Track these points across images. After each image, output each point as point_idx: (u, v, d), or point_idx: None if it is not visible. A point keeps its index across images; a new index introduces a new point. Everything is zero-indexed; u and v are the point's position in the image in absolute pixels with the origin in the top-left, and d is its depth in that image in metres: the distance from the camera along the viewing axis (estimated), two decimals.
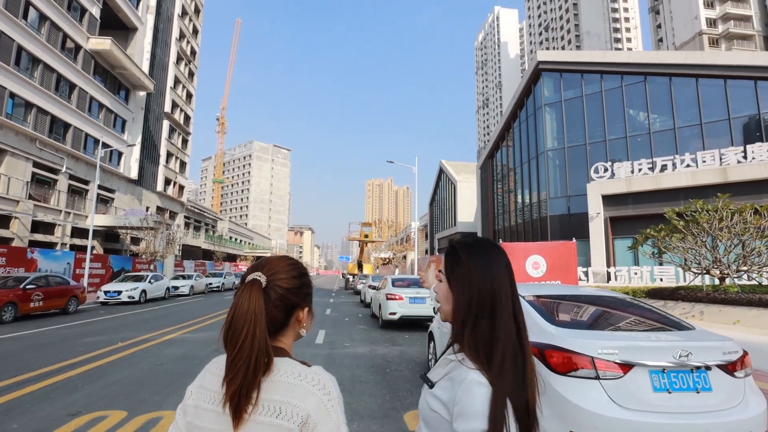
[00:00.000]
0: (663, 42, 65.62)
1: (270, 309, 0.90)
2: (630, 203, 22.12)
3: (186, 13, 46.03)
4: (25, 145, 23.76)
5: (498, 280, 0.96)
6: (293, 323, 0.97)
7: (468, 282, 0.97)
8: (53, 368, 6.28)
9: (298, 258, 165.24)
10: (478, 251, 1.01)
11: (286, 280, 0.94)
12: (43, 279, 13.44)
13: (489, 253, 1.00)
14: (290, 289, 0.94)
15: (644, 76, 24.58)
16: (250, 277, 0.91)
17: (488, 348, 0.91)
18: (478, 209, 41.13)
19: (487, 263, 0.98)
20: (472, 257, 1.00)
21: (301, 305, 0.97)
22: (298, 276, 0.98)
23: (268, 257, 1.01)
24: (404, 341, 9.30)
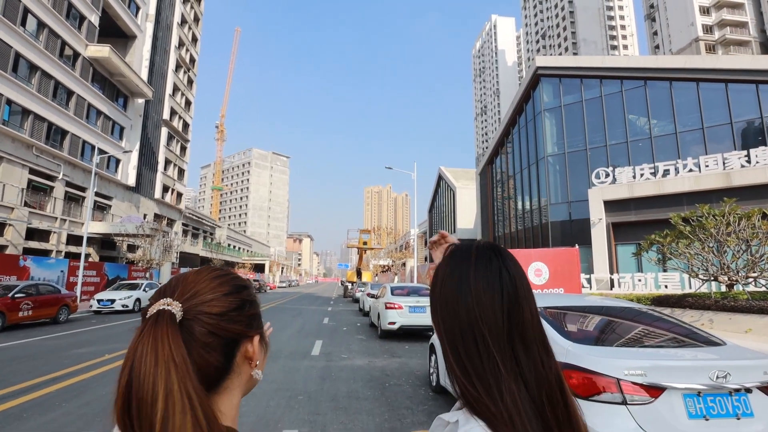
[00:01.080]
0: (659, 49, 65.92)
1: (197, 353, 0.59)
2: (632, 209, 21.84)
3: (185, 21, 46.11)
4: (22, 152, 23.51)
5: (477, 296, 0.67)
6: (240, 365, 0.65)
7: (441, 302, 0.71)
8: (33, 383, 5.93)
9: (297, 266, 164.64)
10: (459, 259, 0.74)
11: (215, 301, 0.64)
12: (33, 287, 13.08)
13: (470, 259, 0.72)
14: (225, 314, 0.63)
15: (644, 81, 24.45)
16: (155, 309, 0.60)
17: (489, 392, 0.63)
18: (478, 216, 40.86)
19: (462, 273, 0.70)
20: (446, 267, 0.74)
21: (246, 335, 0.66)
22: (233, 292, 0.67)
23: (184, 274, 0.69)
24: (404, 352, 8.95)
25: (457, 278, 0.70)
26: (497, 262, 0.70)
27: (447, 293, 0.70)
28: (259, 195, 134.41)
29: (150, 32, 37.55)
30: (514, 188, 33.04)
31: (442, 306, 0.69)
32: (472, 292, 0.67)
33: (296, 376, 6.58)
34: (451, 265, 0.72)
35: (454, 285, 0.69)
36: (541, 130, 28.29)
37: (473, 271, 0.69)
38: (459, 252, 0.75)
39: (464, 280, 0.68)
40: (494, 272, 0.68)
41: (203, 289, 0.64)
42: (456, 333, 0.66)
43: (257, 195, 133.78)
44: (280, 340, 10.36)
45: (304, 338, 10.85)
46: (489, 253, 0.72)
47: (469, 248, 0.74)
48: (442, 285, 0.71)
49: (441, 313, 0.69)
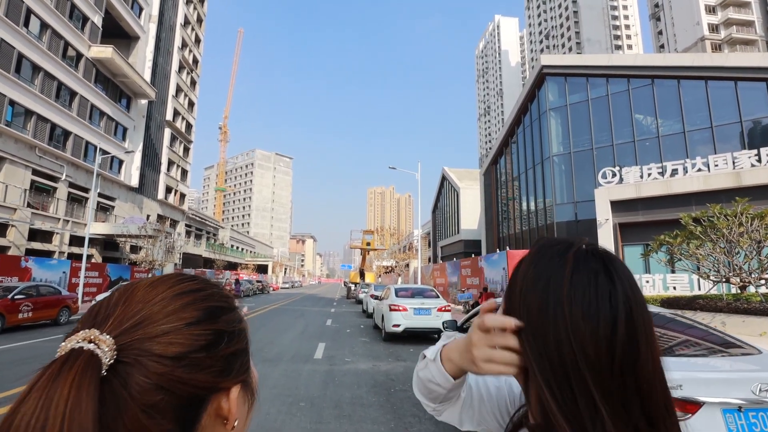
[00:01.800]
0: (665, 48, 65.46)
1: (131, 420, 0.38)
2: (640, 209, 21.52)
3: (188, 22, 46.14)
4: (25, 153, 23.48)
5: (573, 324, 0.49)
6: (209, 427, 0.44)
7: (523, 312, 0.54)
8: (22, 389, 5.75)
9: (300, 267, 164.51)
10: (548, 261, 0.54)
11: (172, 335, 0.43)
12: (33, 289, 12.96)
13: (563, 267, 0.52)
14: (185, 356, 0.42)
15: (651, 80, 24.13)
16: (69, 347, 0.40)
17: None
18: (482, 216, 40.57)
19: (552, 285, 0.52)
20: (530, 268, 0.55)
21: (218, 387, 0.45)
22: (202, 319, 0.45)
23: (131, 285, 0.48)
24: (409, 356, 8.73)
25: (543, 290, 0.52)
26: (605, 278, 0.50)
27: (530, 304, 0.52)
28: (262, 196, 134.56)
29: (153, 33, 37.55)
30: (519, 188, 32.75)
31: (524, 317, 0.52)
32: (565, 316, 0.49)
33: (298, 380, 6.38)
34: (536, 267, 0.55)
35: (539, 298, 0.52)
36: (546, 129, 28.00)
37: (567, 287, 0.50)
38: (549, 250, 0.55)
39: (554, 296, 0.51)
40: (601, 293, 0.49)
41: (155, 315, 0.43)
42: (544, 363, 0.50)
43: (260, 196, 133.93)
44: (282, 343, 10.17)
45: (307, 341, 10.66)
46: (593, 263, 0.52)
47: (564, 249, 0.54)
48: (523, 291, 0.54)
49: (526, 326, 0.52)
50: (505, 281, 16.39)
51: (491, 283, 18.00)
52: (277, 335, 11.61)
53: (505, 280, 16.51)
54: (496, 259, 17.97)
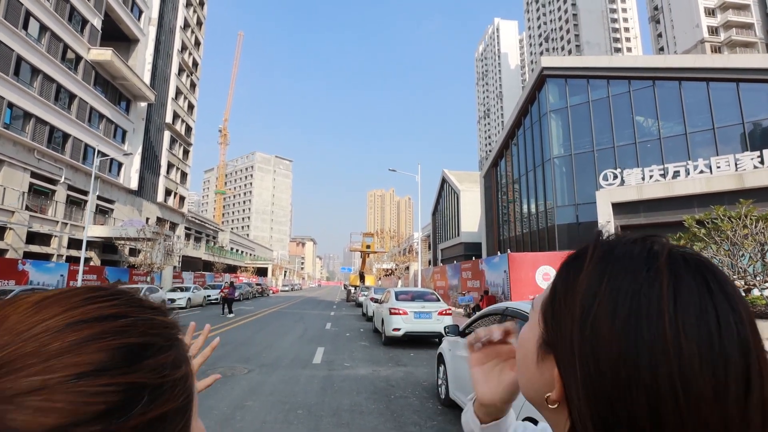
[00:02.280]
0: (664, 50, 65.53)
1: None
2: (641, 211, 21.39)
3: (188, 25, 46.16)
4: (23, 156, 23.37)
5: (685, 359, 0.33)
6: None
7: (581, 339, 0.38)
8: None
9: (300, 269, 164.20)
10: (631, 271, 0.38)
11: (45, 398, 0.25)
12: (29, 292, 12.78)
13: (658, 279, 0.37)
14: (73, 426, 0.25)
15: (652, 81, 24.04)
16: None
17: None
18: (482, 219, 40.42)
19: (646, 303, 0.36)
20: (604, 290, 0.38)
21: None
22: (110, 366, 0.28)
23: (5, 302, 0.31)
24: (409, 360, 8.57)
25: (630, 317, 0.35)
26: (725, 304, 0.35)
27: (603, 334, 0.36)
28: (262, 199, 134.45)
29: (153, 36, 37.53)
30: (519, 191, 32.62)
31: (589, 351, 0.36)
32: (668, 358, 0.33)
33: (296, 387, 6.22)
34: (612, 280, 0.38)
35: (623, 328, 0.35)
36: (546, 131, 27.90)
37: (670, 314, 0.34)
38: (624, 253, 0.40)
39: (650, 327, 0.34)
40: (726, 330, 0.34)
41: (26, 357, 0.26)
42: (616, 408, 0.34)
43: (260, 199, 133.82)
44: (281, 348, 10.00)
45: (306, 345, 10.48)
46: (696, 278, 0.37)
47: (647, 253, 0.39)
48: (591, 315, 0.37)
49: (591, 364, 0.36)
50: (507, 284, 16.22)
51: (492, 286, 17.83)
52: (276, 339, 11.44)
53: (506, 283, 16.34)
54: (497, 262, 17.81)
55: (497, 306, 4.44)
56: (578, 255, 0.43)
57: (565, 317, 0.39)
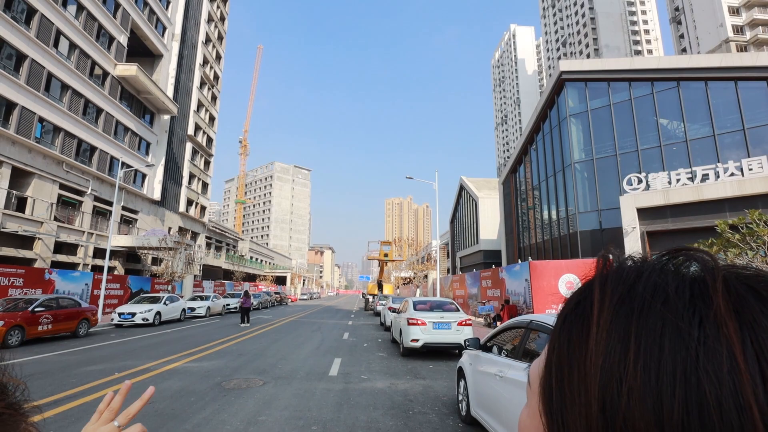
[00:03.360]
0: (687, 52, 63.88)
1: None
2: (669, 216, 20.57)
3: (210, 40, 47.42)
4: (53, 168, 24.21)
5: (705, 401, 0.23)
6: None
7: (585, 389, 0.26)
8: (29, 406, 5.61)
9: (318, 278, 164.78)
10: (671, 325, 0.25)
11: None
12: (53, 301, 13.08)
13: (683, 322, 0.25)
14: None
15: (676, 82, 23.28)
16: None
17: None
18: (502, 226, 39.74)
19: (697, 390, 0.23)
20: (630, 358, 0.25)
21: None
22: None
23: None
24: (428, 373, 8.30)
25: (686, 400, 0.24)
26: (722, 338, 0.25)
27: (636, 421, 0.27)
28: (281, 208, 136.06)
29: (176, 51, 38.66)
30: (539, 197, 31.94)
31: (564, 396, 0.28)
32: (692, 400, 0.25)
33: (311, 401, 6.05)
34: (645, 345, 0.25)
35: (678, 425, 0.25)
36: (566, 136, 27.30)
37: (759, 390, 0.22)
38: (660, 296, 0.27)
39: (729, 416, 0.23)
40: (725, 362, 0.25)
41: None
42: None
43: (279, 208, 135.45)
44: (297, 359, 9.87)
45: (323, 356, 10.33)
46: (699, 306, 0.27)
47: (698, 286, 0.26)
48: (611, 399, 0.25)
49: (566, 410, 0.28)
50: (528, 293, 15.76)
51: (513, 295, 17.36)
52: (292, 350, 11.33)
53: (528, 292, 15.88)
54: (518, 270, 17.36)
55: (521, 319, 4.20)
56: (582, 299, 0.29)
57: (577, 408, 0.26)
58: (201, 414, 5.32)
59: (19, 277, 16.51)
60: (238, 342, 12.79)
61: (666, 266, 0.27)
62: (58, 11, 24.15)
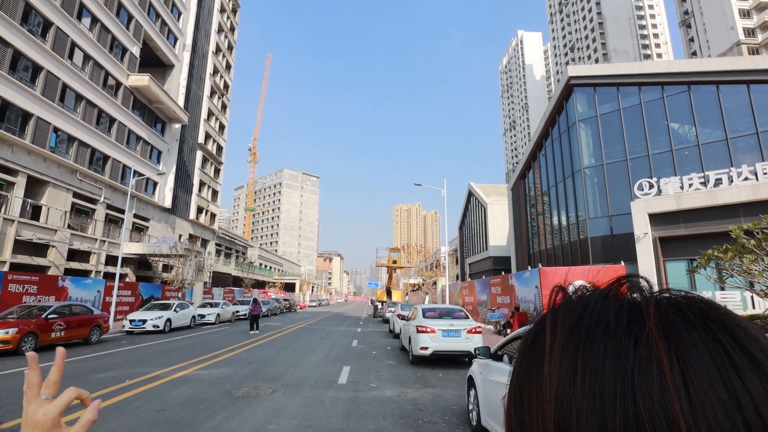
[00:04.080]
0: (697, 55, 63.32)
1: None
2: (681, 221, 20.25)
3: (220, 50, 48.17)
4: (67, 177, 24.67)
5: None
6: None
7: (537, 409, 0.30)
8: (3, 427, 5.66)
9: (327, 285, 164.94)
10: (611, 349, 0.28)
11: None
12: (66, 308, 13.25)
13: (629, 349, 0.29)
14: None
15: (687, 86, 23.04)
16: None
17: None
18: (511, 232, 39.45)
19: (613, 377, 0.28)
20: (592, 374, 0.28)
21: None
22: None
23: None
24: (438, 381, 8.22)
25: (625, 415, 0.26)
26: (729, 369, 0.26)
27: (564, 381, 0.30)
28: (290, 215, 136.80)
29: (187, 61, 39.33)
30: (549, 203, 31.69)
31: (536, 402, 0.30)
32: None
33: (319, 410, 6.02)
34: (589, 369, 0.28)
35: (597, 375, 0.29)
36: (576, 141, 27.11)
37: (684, 403, 0.25)
38: (602, 324, 0.29)
39: (659, 424, 0.26)
40: (741, 403, 0.26)
41: None
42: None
43: (288, 215, 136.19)
44: (306, 366, 9.85)
45: (332, 364, 10.30)
46: (705, 333, 0.28)
47: (634, 312, 0.30)
48: (564, 420, 0.28)
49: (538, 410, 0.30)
50: (539, 300, 15.58)
51: (523, 302, 17.18)
52: (301, 357, 11.31)
53: (538, 299, 15.71)
54: (527, 277, 17.19)
55: None
56: (536, 336, 0.31)
57: (535, 430, 0.29)
58: (210, 422, 5.32)
59: (33, 285, 16.77)
60: (247, 349, 12.81)
61: (609, 294, 0.29)
62: (73, 24, 24.75)
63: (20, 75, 21.46)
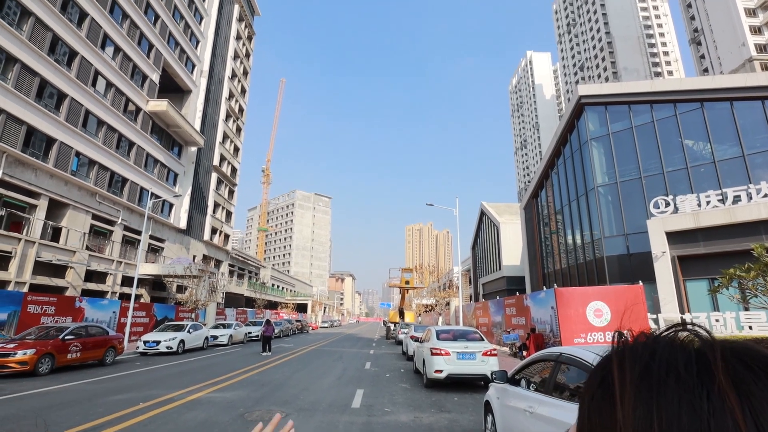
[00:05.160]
0: (708, 72, 63.08)
1: None
2: (700, 240, 19.79)
3: (235, 75, 49.70)
4: (87, 199, 25.33)
5: None
6: None
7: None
8: None
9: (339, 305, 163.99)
10: (686, 400, 0.30)
11: None
12: (83, 329, 13.40)
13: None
14: None
15: (700, 103, 22.91)
16: None
17: None
18: (524, 252, 38.97)
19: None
20: (670, 422, 0.30)
21: None
22: None
23: None
24: (454, 406, 8.03)
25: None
26: None
27: None
28: (302, 235, 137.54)
29: (203, 86, 40.60)
30: (563, 222, 31.34)
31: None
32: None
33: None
34: (667, 416, 0.30)
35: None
36: (588, 159, 26.97)
37: None
38: (673, 374, 0.31)
39: None
40: None
41: None
42: None
43: (300, 235, 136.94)
44: (320, 389, 9.73)
45: (345, 387, 10.16)
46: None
47: (703, 364, 0.31)
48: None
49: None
50: (555, 322, 15.24)
51: (539, 323, 16.81)
52: (314, 380, 11.19)
53: (554, 321, 15.36)
54: (543, 298, 16.87)
55: (550, 351, 4.07)
56: (604, 376, 0.32)
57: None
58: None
59: (51, 305, 17.05)
60: (260, 371, 12.73)
61: (675, 343, 0.31)
62: (97, 53, 25.88)
63: (46, 102, 22.39)
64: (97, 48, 25.80)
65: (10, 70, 20.25)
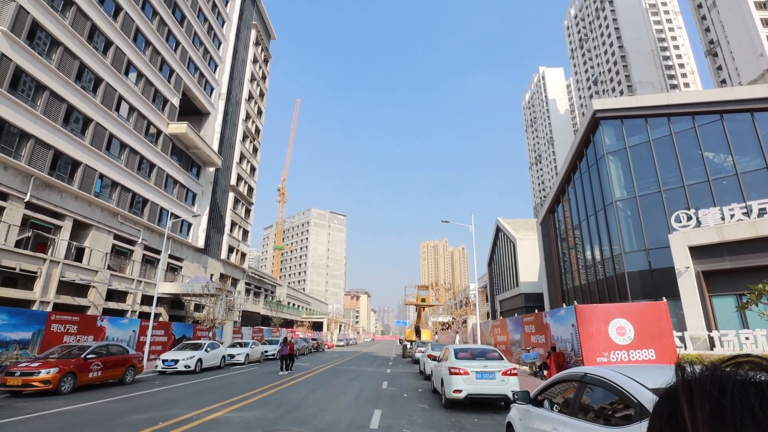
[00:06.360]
0: (726, 83, 62.15)
1: None
2: (725, 254, 19.17)
3: (252, 97, 51.09)
4: (109, 220, 26.05)
5: None
6: None
7: None
8: None
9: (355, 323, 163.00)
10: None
11: None
12: (104, 348, 13.61)
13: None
14: None
15: (720, 115, 22.52)
16: None
17: None
18: (542, 268, 38.29)
19: None
20: None
21: None
22: None
23: None
24: (474, 427, 7.83)
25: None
26: None
27: None
28: (317, 253, 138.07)
29: (221, 109, 41.81)
30: (581, 237, 30.79)
31: None
32: None
33: None
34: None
35: None
36: (605, 174, 26.62)
37: None
38: (748, 411, 0.30)
39: None
40: None
41: None
42: None
43: (316, 253, 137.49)
44: (337, 410, 9.62)
45: (362, 407, 10.02)
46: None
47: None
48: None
49: None
50: (576, 340, 14.83)
51: (560, 341, 16.37)
52: (331, 400, 11.07)
53: (575, 339, 14.95)
54: (563, 315, 16.46)
55: (574, 372, 3.97)
56: (671, 415, 0.31)
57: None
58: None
59: (73, 324, 17.39)
60: (277, 391, 12.67)
61: (747, 383, 0.28)
62: (121, 79, 26.99)
63: (72, 127, 23.34)
64: (121, 74, 26.91)
65: (39, 97, 21.25)
